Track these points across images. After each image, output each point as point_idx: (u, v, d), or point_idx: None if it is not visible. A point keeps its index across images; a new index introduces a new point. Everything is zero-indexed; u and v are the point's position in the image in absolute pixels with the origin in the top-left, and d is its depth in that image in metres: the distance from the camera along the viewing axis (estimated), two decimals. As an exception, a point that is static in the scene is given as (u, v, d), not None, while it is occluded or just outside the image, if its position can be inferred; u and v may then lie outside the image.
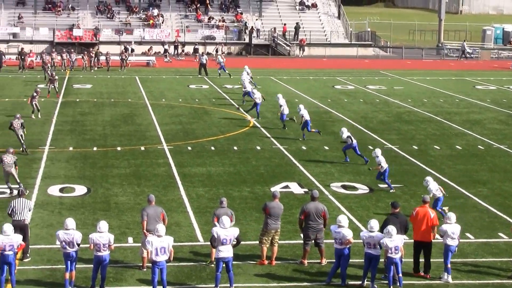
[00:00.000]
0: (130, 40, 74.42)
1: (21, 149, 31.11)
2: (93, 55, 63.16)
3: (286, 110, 37.55)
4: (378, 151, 27.54)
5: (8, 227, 17.67)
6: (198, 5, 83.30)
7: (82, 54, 64.37)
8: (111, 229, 19.68)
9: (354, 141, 30.97)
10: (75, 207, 24.34)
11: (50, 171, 28.87)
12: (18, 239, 17.80)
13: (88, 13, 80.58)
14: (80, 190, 26.32)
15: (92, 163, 30.23)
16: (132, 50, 70.83)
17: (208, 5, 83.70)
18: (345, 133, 31.35)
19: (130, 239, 21.31)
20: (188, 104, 45.62)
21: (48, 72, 51.70)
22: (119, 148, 33.02)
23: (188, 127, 38.23)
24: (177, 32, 78.26)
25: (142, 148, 33.12)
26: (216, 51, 72.51)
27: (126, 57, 63.49)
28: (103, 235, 17.75)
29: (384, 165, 26.75)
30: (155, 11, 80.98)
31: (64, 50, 64.75)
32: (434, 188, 23.36)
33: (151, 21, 79.06)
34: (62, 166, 29.65)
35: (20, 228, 18.82)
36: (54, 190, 26.15)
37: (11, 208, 19.45)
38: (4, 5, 79.95)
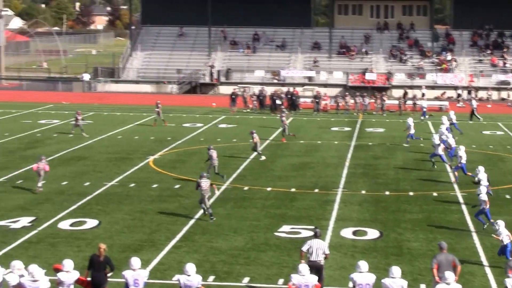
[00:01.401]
0: (422, 84, 74.34)
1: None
2: (385, 99, 63.83)
3: None
4: None
5: (304, 268, 18.16)
6: (493, 49, 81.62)
7: (374, 98, 65.23)
8: (403, 274, 19.65)
9: None
10: (368, 250, 24.60)
11: (343, 213, 29.43)
12: (313, 279, 18.22)
13: (381, 57, 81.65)
14: (372, 233, 26.58)
15: (384, 207, 30.45)
16: (423, 95, 70.65)
17: (506, 48, 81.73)
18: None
19: (423, 286, 21.18)
20: (482, 151, 44.70)
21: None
22: (411, 193, 33.00)
23: (482, 174, 37.38)
24: (470, 77, 77.10)
25: (435, 194, 32.87)
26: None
27: (404, 101, 63.58)
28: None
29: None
30: (449, 56, 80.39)
31: (357, 93, 65.95)
32: None
33: (443, 65, 78.57)
34: (354, 209, 30.13)
35: (316, 269, 19.33)
36: (347, 233, 26.60)
37: (308, 247, 20.03)
38: (301, 50, 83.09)
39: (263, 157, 40.43)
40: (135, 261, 18.09)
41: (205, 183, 28.17)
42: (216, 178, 33.80)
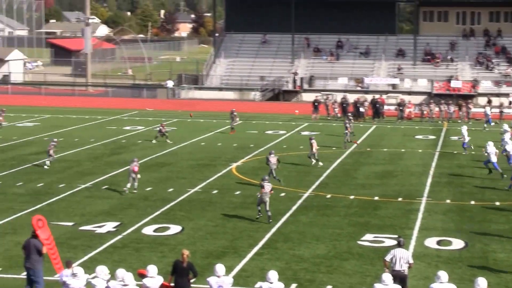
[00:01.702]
0: (509, 92, 72.98)
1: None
2: (471, 107, 62.86)
3: None
4: None
5: (387, 277, 17.89)
6: None
7: (459, 106, 64.28)
8: (490, 286, 19.27)
9: None
10: (452, 260, 24.27)
11: (427, 223, 29.09)
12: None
13: (466, 64, 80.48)
14: (457, 243, 26.20)
15: (470, 217, 30.00)
16: (510, 103, 69.32)
17: None
18: None
19: (509, 298, 20.83)
20: None
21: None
22: (497, 203, 32.42)
23: None
24: (559, 84, 75.49)
25: (522, 204, 32.29)
26: None
27: (504, 109, 62.33)
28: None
29: None
30: (537, 63, 78.87)
31: (442, 101, 65.13)
32: None
33: (532, 73, 77.11)
34: (439, 219, 29.75)
35: (400, 278, 19.15)
36: (431, 242, 26.28)
37: (391, 257, 19.86)
38: (385, 57, 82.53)
39: (320, 163, 40.41)
40: (220, 268, 18.19)
41: (267, 187, 28.56)
42: (273, 182, 33.64)
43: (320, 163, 40.39)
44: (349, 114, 54.11)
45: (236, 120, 53.91)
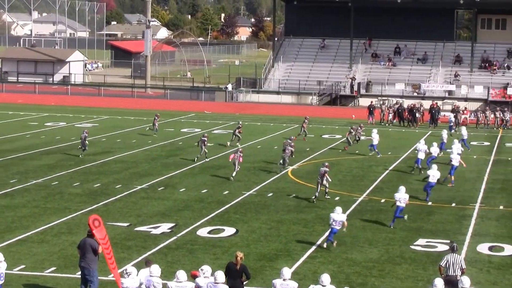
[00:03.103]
0: None
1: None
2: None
3: None
4: None
5: (439, 282, 17.83)
6: None
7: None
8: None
9: None
10: (504, 266, 24.08)
11: (480, 228, 28.89)
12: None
13: (524, 71, 79.52)
14: (509, 250, 25.95)
15: (523, 224, 29.75)
16: None
17: None
18: None
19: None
20: None
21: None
22: (554, 211, 32.08)
23: None
24: None
25: None
26: None
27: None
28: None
29: None
30: None
31: (498, 108, 64.45)
32: None
33: None
34: (492, 224, 29.52)
35: (452, 284, 19.03)
36: (483, 248, 26.09)
37: (445, 262, 19.78)
38: (442, 63, 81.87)
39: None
40: (286, 271, 18.27)
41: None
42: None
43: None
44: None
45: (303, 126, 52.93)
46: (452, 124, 57.00)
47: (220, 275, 17.90)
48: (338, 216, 25.59)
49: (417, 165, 40.14)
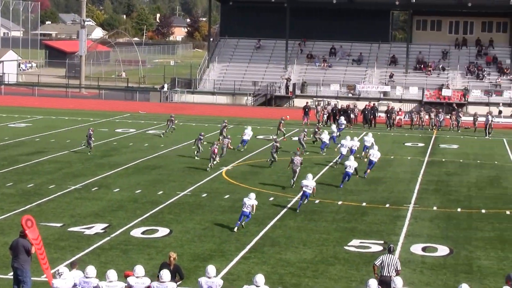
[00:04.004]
0: (499, 101, 73.23)
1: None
2: (461, 116, 63.05)
3: None
4: None
5: (373, 282, 17.94)
6: None
7: (450, 114, 64.48)
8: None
9: None
10: (437, 267, 24.35)
11: (414, 229, 29.20)
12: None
13: (458, 73, 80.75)
14: (442, 250, 26.28)
15: (456, 224, 30.12)
16: (500, 112, 69.53)
17: None
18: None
19: (492, 305, 20.92)
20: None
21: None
22: (483, 211, 32.57)
23: (557, 194, 36.84)
24: (549, 95, 75.76)
25: (508, 212, 32.38)
26: None
27: (492, 118, 62.42)
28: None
29: None
30: (527, 73, 79.04)
31: (433, 109, 65.33)
32: None
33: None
34: (425, 225, 29.87)
35: (387, 284, 19.13)
36: (416, 249, 26.36)
37: (380, 262, 19.93)
38: (377, 64, 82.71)
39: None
40: (211, 269, 18.29)
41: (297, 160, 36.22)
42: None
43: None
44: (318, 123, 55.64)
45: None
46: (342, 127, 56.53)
47: (166, 274, 17.88)
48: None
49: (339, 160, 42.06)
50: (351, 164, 36.49)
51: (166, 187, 35.61)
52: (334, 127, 53.17)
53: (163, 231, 27.55)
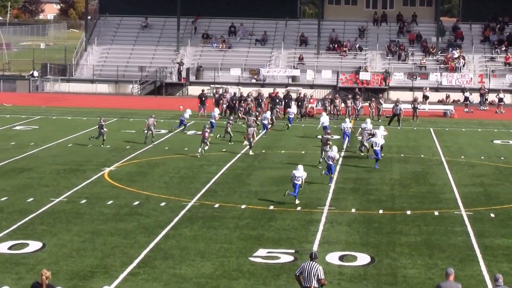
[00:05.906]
0: (425, 85, 74.58)
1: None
2: (382, 103, 64.02)
3: None
4: None
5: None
6: (508, 46, 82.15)
7: (369, 101, 65.35)
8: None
9: None
10: (357, 278, 24.63)
11: (329, 235, 29.46)
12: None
13: (377, 54, 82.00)
14: (362, 259, 26.60)
15: (378, 228, 30.52)
16: (426, 98, 70.88)
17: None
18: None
19: (419, 320, 21.28)
20: (492, 163, 44.98)
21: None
22: (408, 212, 33.12)
23: (491, 190, 37.69)
24: (480, 78, 77.57)
25: (436, 213, 33.00)
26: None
27: (418, 105, 63.60)
28: None
29: None
30: (456, 53, 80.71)
31: (349, 96, 66.07)
32: None
33: (450, 64, 78.97)
34: (343, 230, 30.17)
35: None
36: (333, 258, 26.58)
37: (300, 271, 20.08)
38: (284, 45, 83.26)
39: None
40: None
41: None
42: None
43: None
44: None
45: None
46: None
47: None
48: (299, 172, 33.64)
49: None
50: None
51: (37, 193, 35.13)
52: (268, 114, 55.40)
53: (34, 245, 27.15)
